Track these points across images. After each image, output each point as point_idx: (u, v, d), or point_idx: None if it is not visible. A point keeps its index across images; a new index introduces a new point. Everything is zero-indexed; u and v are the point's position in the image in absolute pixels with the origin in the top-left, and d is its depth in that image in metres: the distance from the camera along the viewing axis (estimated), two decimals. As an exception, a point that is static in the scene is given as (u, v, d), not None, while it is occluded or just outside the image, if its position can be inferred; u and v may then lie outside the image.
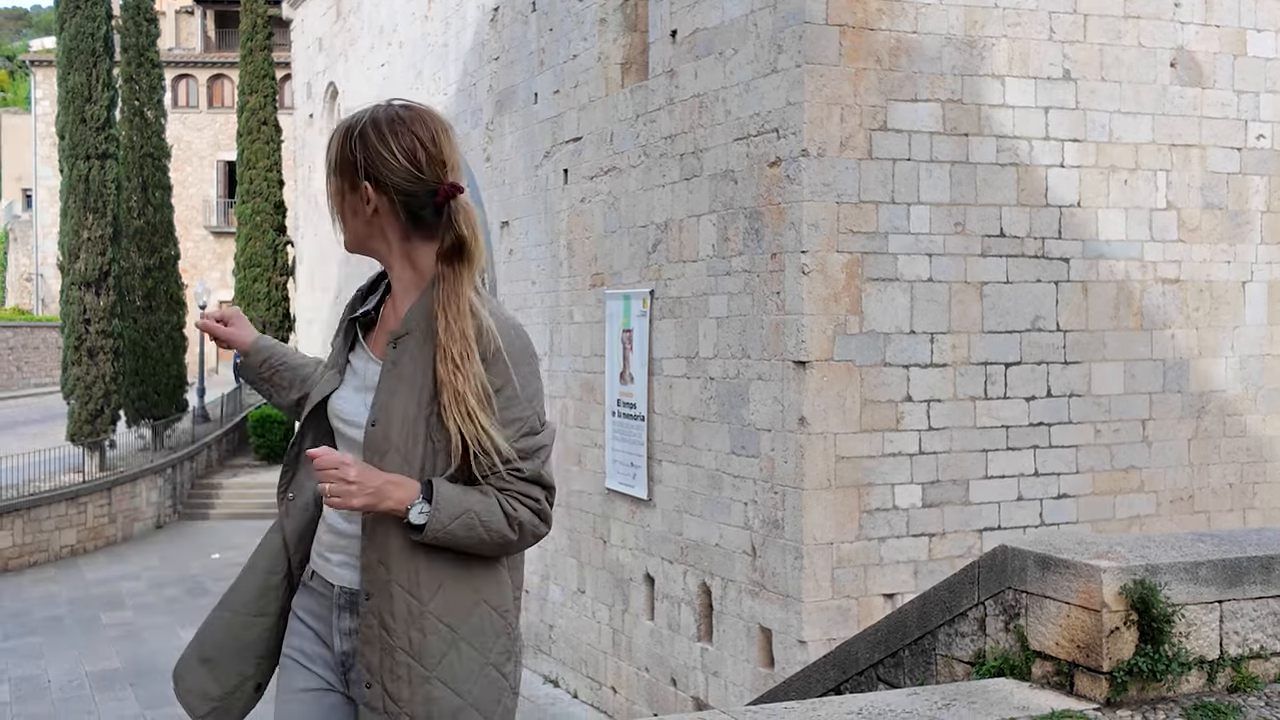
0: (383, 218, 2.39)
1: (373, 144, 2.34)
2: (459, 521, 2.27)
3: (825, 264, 9.14)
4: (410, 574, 2.30)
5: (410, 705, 2.28)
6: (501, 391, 2.30)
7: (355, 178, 2.37)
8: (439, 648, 2.29)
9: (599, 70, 12.27)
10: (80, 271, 22.64)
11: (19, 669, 14.38)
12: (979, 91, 9.54)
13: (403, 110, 2.38)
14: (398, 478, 2.28)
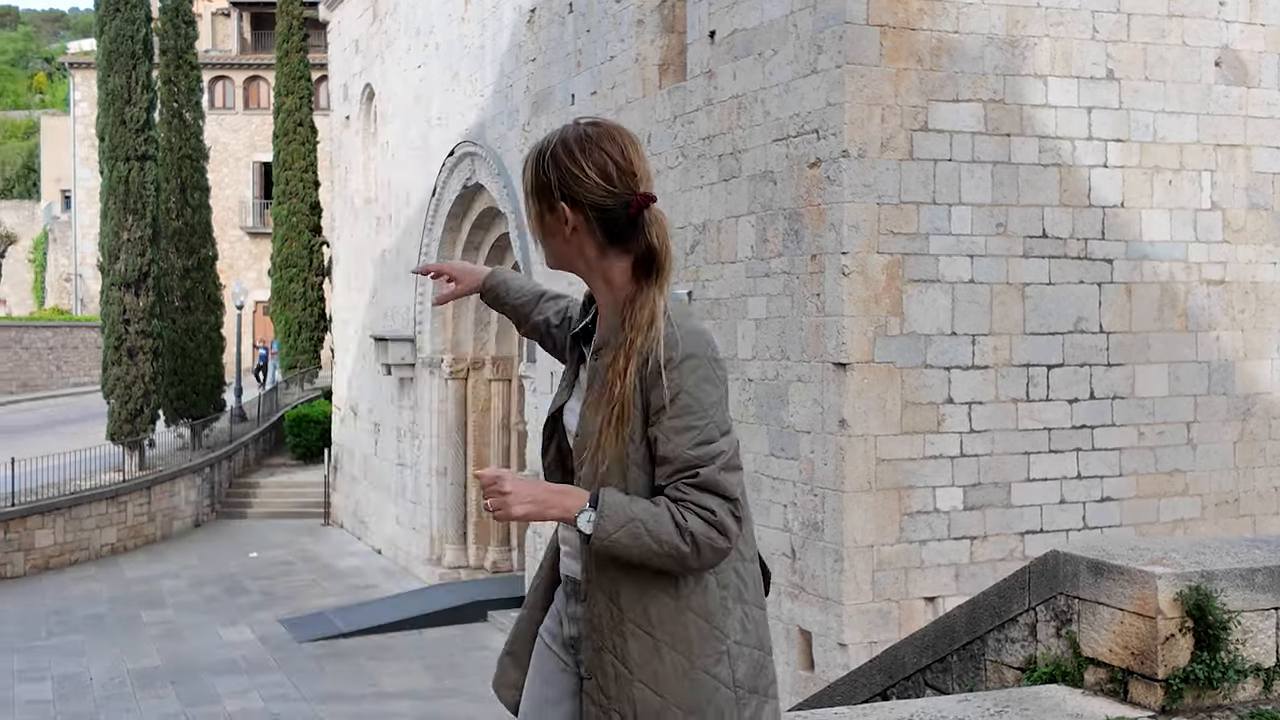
0: (580, 235, 2.45)
1: (565, 164, 2.41)
2: (625, 530, 2.30)
3: (866, 265, 9.10)
4: (611, 582, 2.39)
5: (618, 703, 2.40)
6: (676, 400, 2.33)
7: (552, 199, 2.43)
8: (641, 653, 2.38)
9: (636, 71, 12.27)
10: (120, 272, 22.85)
11: (61, 666, 14.53)
12: (1021, 91, 9.47)
13: (590, 128, 2.45)
14: (566, 487, 2.37)
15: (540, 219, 2.47)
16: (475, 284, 2.96)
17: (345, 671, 14.17)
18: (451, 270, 2.96)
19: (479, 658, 14.70)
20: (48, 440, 26.73)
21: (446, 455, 18.96)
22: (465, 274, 2.96)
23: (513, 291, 2.96)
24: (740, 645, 2.44)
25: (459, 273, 2.96)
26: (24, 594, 18.50)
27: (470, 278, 2.96)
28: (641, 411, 2.37)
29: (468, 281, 2.96)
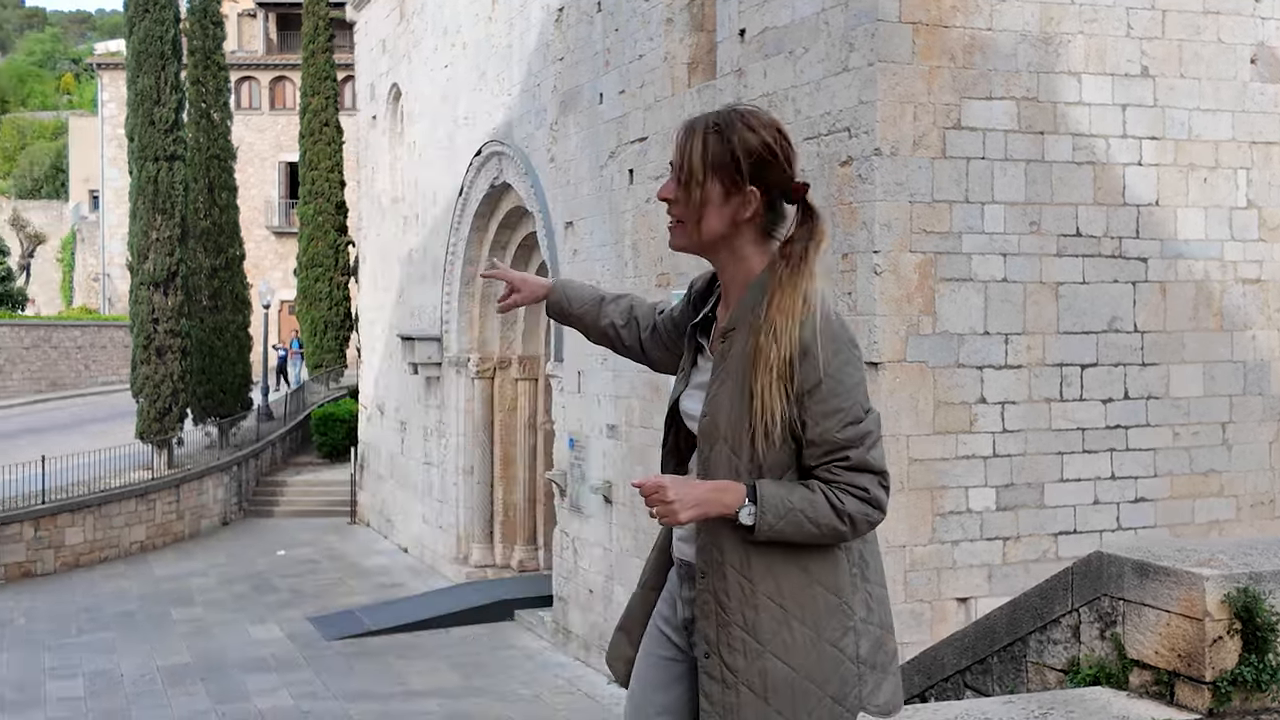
0: (753, 218, 2.48)
1: (754, 145, 2.43)
2: (786, 520, 2.39)
3: (898, 264, 9.05)
4: (742, 558, 2.45)
5: (746, 675, 2.45)
6: (823, 383, 2.39)
7: (737, 178, 2.44)
8: (771, 625, 2.45)
9: (665, 70, 12.25)
10: (149, 272, 22.99)
11: (92, 663, 14.62)
12: (1055, 89, 9.41)
13: (751, 111, 2.48)
14: (723, 484, 2.41)
15: (706, 195, 2.45)
16: (537, 294, 2.96)
17: (374, 670, 14.21)
18: (513, 279, 2.96)
19: (506, 657, 14.73)
20: (76, 439, 26.91)
21: (473, 454, 19.00)
22: (527, 284, 2.96)
23: (574, 301, 2.98)
24: (865, 623, 2.50)
25: (520, 282, 2.96)
26: (55, 591, 18.63)
27: (532, 288, 2.96)
28: (784, 393, 2.40)
29: (529, 291, 2.96)
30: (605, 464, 13.77)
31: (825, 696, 2.46)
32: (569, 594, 14.77)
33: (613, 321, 2.95)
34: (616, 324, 2.95)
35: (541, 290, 2.97)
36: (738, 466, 2.44)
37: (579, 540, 14.54)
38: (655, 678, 2.68)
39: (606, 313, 2.96)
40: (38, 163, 67.47)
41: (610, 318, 2.96)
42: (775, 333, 2.41)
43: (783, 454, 2.44)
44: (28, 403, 36.42)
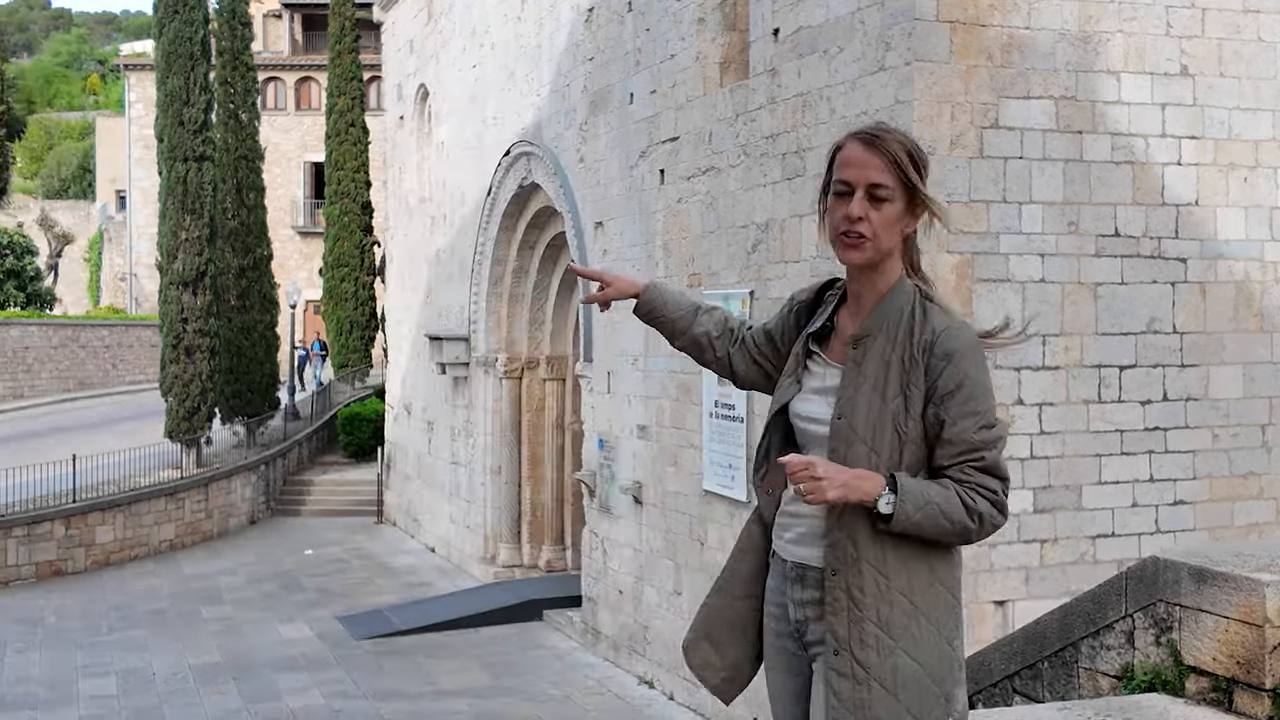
0: (909, 232, 2.65)
1: (923, 161, 2.60)
2: (923, 512, 2.49)
3: (935, 264, 8.99)
4: (878, 553, 2.54)
5: (878, 671, 2.52)
6: (962, 387, 2.55)
7: (913, 196, 2.60)
8: (903, 621, 2.53)
9: (697, 70, 12.22)
10: (178, 271, 23.10)
11: (124, 661, 14.69)
12: (1093, 88, 9.33)
13: (902, 129, 2.68)
14: (864, 472, 2.52)
15: (896, 212, 2.59)
16: (627, 291, 3.02)
17: (403, 669, 14.23)
18: (605, 276, 3.03)
19: (535, 657, 14.73)
20: (105, 438, 27.07)
21: (501, 454, 19.01)
22: (619, 280, 3.03)
23: (670, 304, 3.02)
24: (959, 626, 2.63)
25: (612, 278, 3.02)
26: (86, 589, 18.74)
27: (623, 285, 3.02)
28: (923, 394, 2.55)
29: (620, 287, 3.02)
30: (635, 464, 13.75)
31: (941, 696, 2.55)
32: (598, 594, 14.76)
33: (708, 330, 3.00)
34: (711, 333, 3.00)
35: (633, 288, 3.01)
36: (877, 463, 2.54)
37: (608, 541, 14.53)
38: (790, 689, 2.74)
39: (701, 321, 3.01)
40: (65, 163, 67.95)
41: (705, 326, 3.00)
42: (911, 340, 2.56)
43: (918, 454, 2.56)
44: (56, 401, 36.66)
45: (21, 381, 37.08)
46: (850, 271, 2.69)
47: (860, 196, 2.58)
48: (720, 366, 3.01)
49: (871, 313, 2.64)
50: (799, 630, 2.68)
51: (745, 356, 2.98)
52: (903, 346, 2.59)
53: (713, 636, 2.82)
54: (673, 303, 3.02)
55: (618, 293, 3.01)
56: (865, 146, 2.59)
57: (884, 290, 2.64)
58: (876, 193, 2.57)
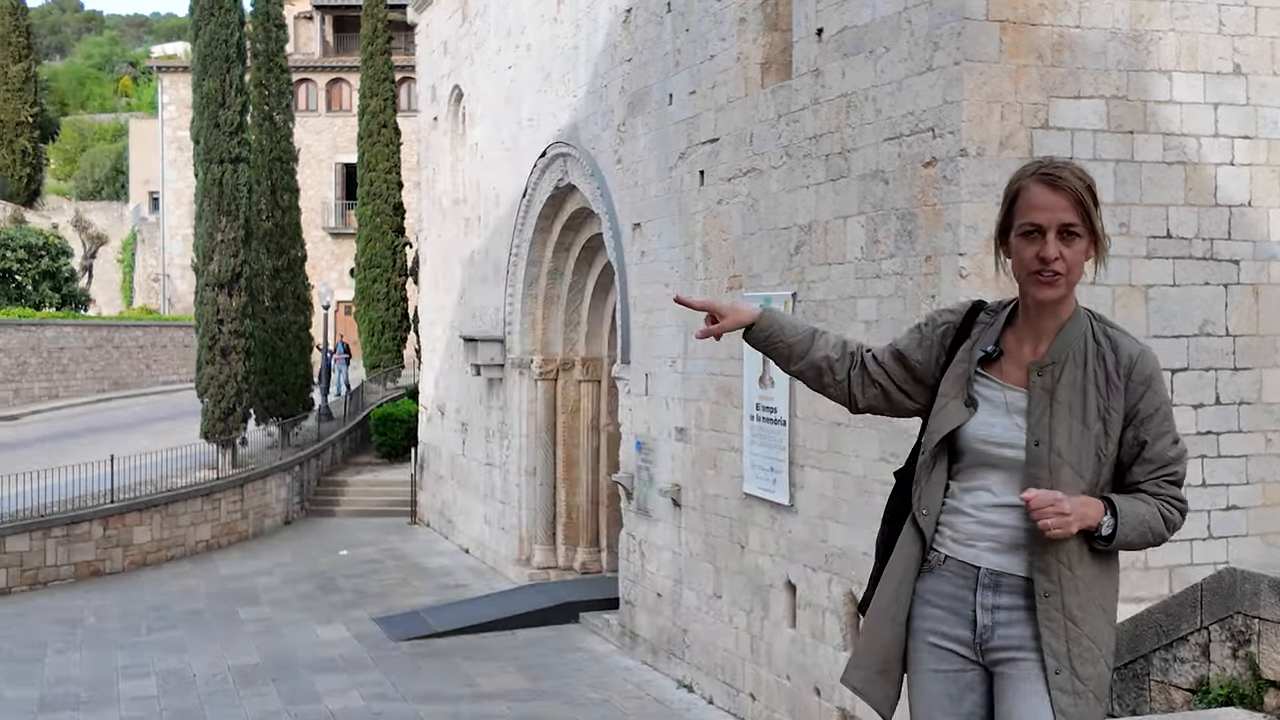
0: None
1: (1096, 193, 2.75)
2: (1136, 531, 2.68)
3: (984, 267, 8.88)
4: (1089, 570, 2.69)
5: (1092, 683, 2.67)
6: (1159, 409, 2.73)
7: (1093, 229, 2.73)
8: (1104, 630, 2.71)
9: (738, 70, 12.14)
10: (214, 273, 23.19)
11: (163, 662, 14.75)
12: (1145, 88, 9.21)
13: None
14: (1087, 499, 2.66)
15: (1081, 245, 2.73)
16: (742, 321, 3.03)
17: (441, 671, 14.22)
18: (719, 307, 3.03)
19: (573, 659, 14.69)
20: (140, 438, 27.22)
21: (535, 456, 18.98)
22: (732, 312, 3.04)
23: (788, 329, 3.05)
24: None
25: (726, 310, 3.04)
26: (124, 590, 18.83)
27: (741, 315, 3.04)
28: (1122, 417, 2.69)
29: (735, 318, 3.03)
30: (674, 467, 13.69)
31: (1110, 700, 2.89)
32: (636, 597, 14.70)
33: (827, 355, 3.02)
34: (831, 357, 3.02)
35: (748, 317, 3.03)
36: (1082, 487, 2.67)
37: (646, 544, 14.47)
38: (945, 690, 2.78)
39: (819, 345, 3.03)
40: (98, 165, 68.46)
41: (824, 350, 3.03)
42: (1105, 367, 2.71)
43: (1110, 474, 2.73)
44: (91, 402, 36.92)
45: (57, 382, 37.36)
46: (1032, 301, 2.78)
47: (1053, 238, 2.69)
48: (839, 390, 3.04)
49: (1055, 340, 2.74)
50: (982, 635, 2.74)
51: (864, 379, 3.01)
52: (1096, 372, 2.72)
53: (888, 669, 2.87)
54: (789, 327, 3.04)
55: (734, 324, 3.02)
56: (1050, 189, 2.70)
57: (1065, 318, 2.76)
58: (1068, 229, 2.69)
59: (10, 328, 35.59)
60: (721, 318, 3.01)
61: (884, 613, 2.87)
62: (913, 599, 2.83)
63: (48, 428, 31.07)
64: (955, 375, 2.86)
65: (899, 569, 2.87)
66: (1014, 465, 2.73)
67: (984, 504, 2.78)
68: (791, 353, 3.03)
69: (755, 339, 3.05)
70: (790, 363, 3.05)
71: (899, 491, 3.02)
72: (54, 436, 29.05)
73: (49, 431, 30.20)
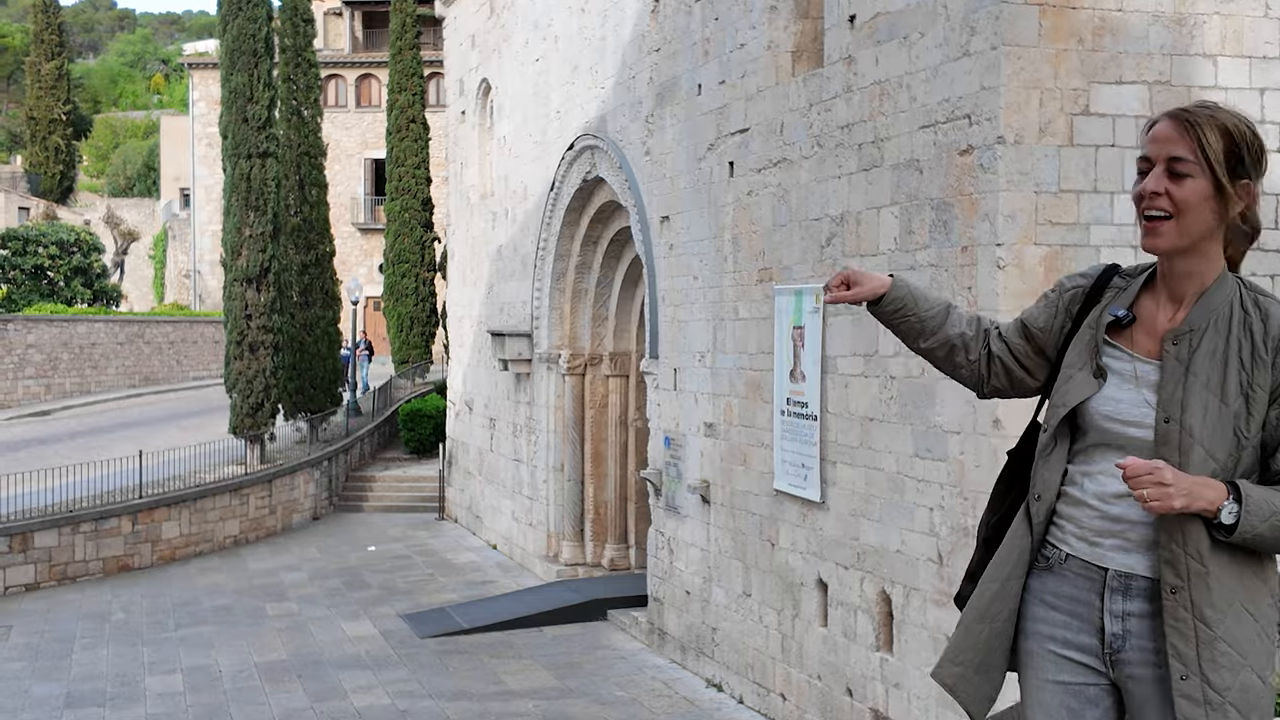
0: (1233, 216, 2.44)
1: (1257, 145, 2.42)
2: (1268, 523, 2.31)
3: (1022, 257, 8.66)
4: (1222, 566, 2.36)
5: (1232, 693, 2.34)
6: None
7: (1245, 175, 2.42)
8: (1249, 636, 2.37)
9: (768, 59, 11.93)
10: (242, 268, 23.17)
11: (190, 658, 14.69)
12: (1189, 73, 8.94)
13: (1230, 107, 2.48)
14: (1204, 479, 2.33)
15: (1204, 190, 2.39)
16: (876, 290, 2.77)
17: (468, 668, 14.09)
18: (858, 274, 2.79)
19: (601, 657, 14.53)
20: (171, 432, 27.30)
21: (563, 451, 18.84)
22: (867, 280, 2.78)
23: (921, 300, 2.78)
24: None
25: (862, 277, 2.78)
26: (152, 585, 18.82)
27: (875, 282, 2.78)
28: (1268, 394, 2.37)
29: (873, 286, 2.77)
30: (703, 463, 13.50)
31: (1273, 716, 2.46)
32: (664, 595, 14.53)
33: (962, 331, 2.76)
34: (966, 334, 2.76)
35: (881, 286, 2.77)
36: (1214, 470, 2.36)
37: (675, 541, 14.29)
38: (1065, 704, 2.51)
39: (954, 321, 2.78)
40: (130, 161, 68.89)
41: (960, 327, 2.77)
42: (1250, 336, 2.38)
43: (1252, 459, 2.39)
44: (122, 397, 37.09)
45: (89, 377, 37.56)
46: (1166, 261, 2.51)
47: (1159, 171, 2.41)
48: (970, 371, 2.78)
49: (1195, 306, 2.44)
50: (1112, 645, 2.47)
51: (990, 357, 2.75)
52: (1241, 343, 2.39)
53: (986, 667, 2.60)
54: (923, 299, 2.78)
55: (870, 292, 2.76)
56: (1173, 121, 2.43)
57: (1207, 282, 2.44)
58: (1176, 167, 2.39)
59: (42, 323, 35.80)
60: (855, 284, 2.76)
61: (985, 609, 2.60)
62: (1024, 597, 2.57)
63: (78, 423, 31.21)
64: (1082, 344, 2.58)
65: (1007, 562, 2.59)
66: (1142, 447, 2.43)
67: (1109, 494, 2.48)
68: (924, 327, 2.76)
69: (883, 310, 2.78)
70: (920, 338, 2.78)
71: (1009, 474, 2.76)
72: (85, 432, 29.18)
73: (80, 427, 30.34)
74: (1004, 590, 2.57)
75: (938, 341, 2.76)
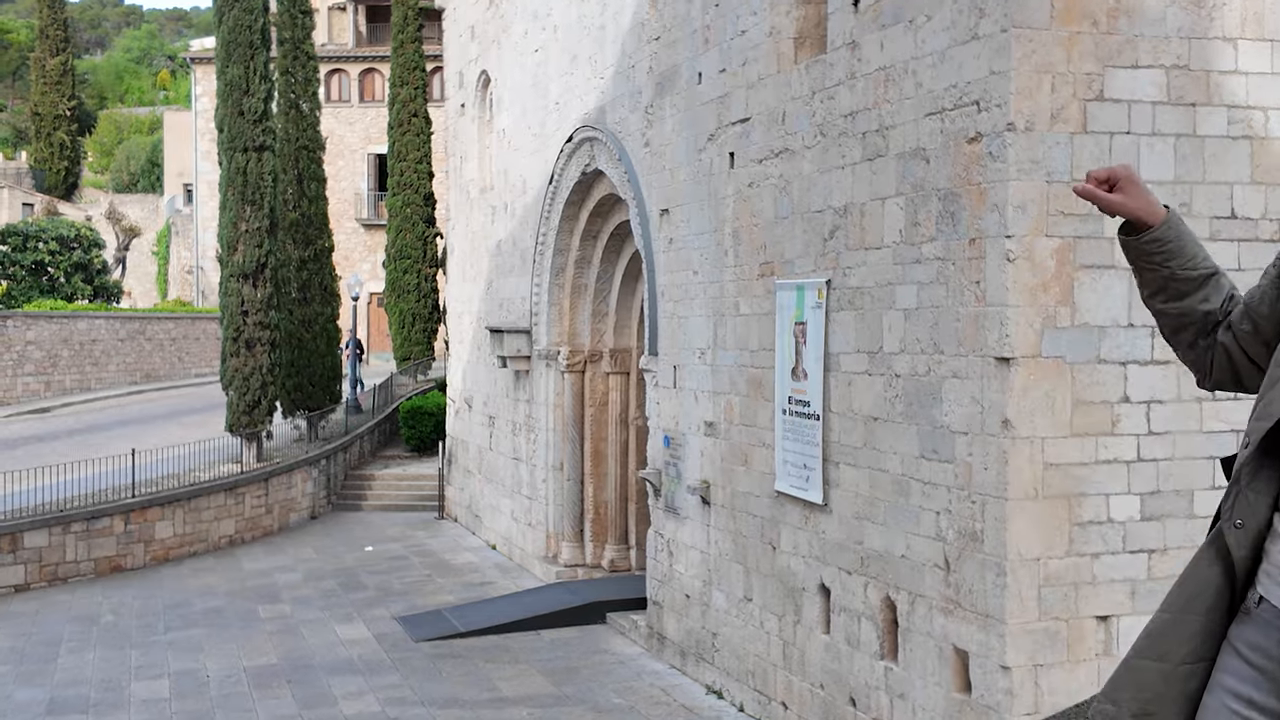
0: None
1: None
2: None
3: (1032, 250, 8.26)
4: None
5: None
6: None
7: None
8: None
9: (770, 46, 11.53)
10: (238, 263, 22.82)
11: (178, 663, 14.34)
12: (1208, 57, 8.52)
13: None
14: None
15: None
16: (1139, 213, 2.27)
17: (462, 673, 13.72)
18: (1126, 178, 2.27)
19: (598, 662, 14.15)
20: (171, 430, 26.98)
21: (563, 450, 18.46)
22: (1137, 195, 2.27)
23: (1184, 256, 2.27)
24: None
25: (1134, 189, 2.27)
26: (144, 586, 18.48)
27: (1139, 203, 2.27)
28: None
29: (1136, 204, 2.26)
30: (703, 463, 13.11)
31: None
32: (664, 598, 14.15)
33: (1211, 310, 2.26)
34: (1214, 312, 2.26)
35: (1150, 213, 2.26)
36: None
37: (674, 543, 13.90)
38: None
39: (1212, 290, 2.27)
40: (134, 157, 68.64)
41: (1212, 303, 2.26)
42: None
43: None
44: (123, 394, 36.80)
45: (89, 374, 37.27)
46: None
47: None
48: (1199, 356, 2.31)
49: None
50: None
51: (1221, 350, 2.27)
52: None
53: (1151, 713, 2.14)
54: (1189, 254, 2.27)
55: (1132, 211, 2.26)
56: None
57: None
58: None
59: (42, 320, 35.51)
60: (1122, 190, 2.26)
61: (1154, 646, 2.14)
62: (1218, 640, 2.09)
63: (77, 420, 30.92)
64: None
65: (1186, 594, 2.10)
66: None
67: None
68: (1171, 286, 2.27)
69: (1138, 245, 2.28)
70: (1161, 296, 2.30)
71: None
72: (84, 429, 28.88)
73: (78, 424, 30.04)
74: (1178, 627, 2.10)
75: (1177, 309, 2.28)
